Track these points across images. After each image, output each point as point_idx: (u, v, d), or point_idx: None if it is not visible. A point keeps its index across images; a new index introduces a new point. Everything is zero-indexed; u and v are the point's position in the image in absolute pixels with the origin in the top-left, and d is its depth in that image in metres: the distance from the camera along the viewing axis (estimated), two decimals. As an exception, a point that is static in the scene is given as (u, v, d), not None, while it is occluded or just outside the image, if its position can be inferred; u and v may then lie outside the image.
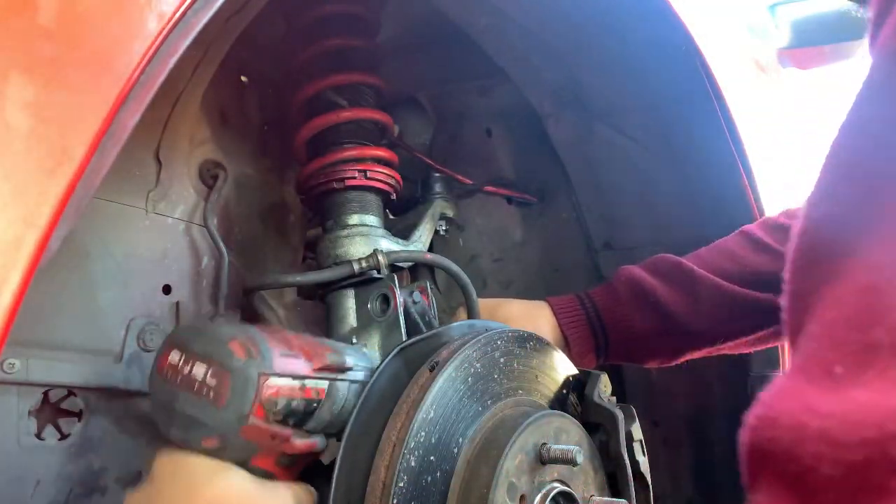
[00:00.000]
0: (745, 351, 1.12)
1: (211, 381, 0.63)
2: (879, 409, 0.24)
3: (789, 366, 0.29)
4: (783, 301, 0.34)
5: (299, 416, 0.71)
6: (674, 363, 1.12)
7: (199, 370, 0.64)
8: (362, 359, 0.82)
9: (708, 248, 1.10)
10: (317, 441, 0.73)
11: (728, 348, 1.10)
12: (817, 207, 0.32)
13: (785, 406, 0.27)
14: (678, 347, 1.10)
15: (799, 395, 0.27)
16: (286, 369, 0.67)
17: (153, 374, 0.68)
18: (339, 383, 0.75)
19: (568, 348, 1.07)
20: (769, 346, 1.11)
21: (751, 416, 0.29)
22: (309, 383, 0.70)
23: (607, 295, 1.10)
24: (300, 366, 0.70)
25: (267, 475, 0.72)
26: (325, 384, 0.73)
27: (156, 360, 0.69)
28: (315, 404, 0.72)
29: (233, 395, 0.63)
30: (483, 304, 1.06)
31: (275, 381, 0.66)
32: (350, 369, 0.76)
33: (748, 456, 0.28)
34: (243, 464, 0.69)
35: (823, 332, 0.28)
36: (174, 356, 0.66)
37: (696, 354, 1.11)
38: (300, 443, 0.71)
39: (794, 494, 0.26)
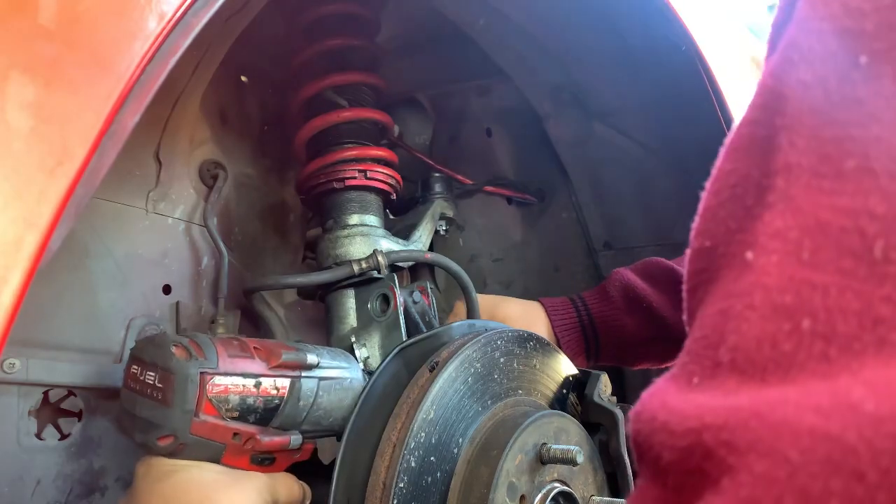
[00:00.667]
0: None
1: (159, 384, 0.68)
2: (704, 406, 0.28)
3: (669, 371, 0.34)
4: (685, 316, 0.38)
5: (260, 413, 0.72)
6: (664, 367, 1.12)
7: (151, 376, 0.68)
8: (337, 357, 0.83)
9: None
10: (289, 438, 0.74)
11: None
12: (697, 236, 0.36)
13: (651, 404, 0.31)
14: (668, 352, 1.10)
15: (662, 395, 0.31)
16: (234, 368, 0.70)
17: (122, 388, 0.72)
18: (303, 381, 0.76)
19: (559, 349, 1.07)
20: None
21: (631, 412, 0.34)
22: (265, 381, 0.72)
23: (600, 299, 1.10)
24: (253, 365, 0.72)
25: None
26: (285, 382, 0.74)
27: (124, 374, 0.72)
28: (276, 402, 0.73)
29: (176, 393, 0.66)
30: (481, 300, 1.06)
31: (221, 380, 0.69)
32: (314, 366, 0.77)
33: (632, 445, 0.33)
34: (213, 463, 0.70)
35: (690, 347, 0.32)
36: (135, 368, 0.70)
37: None
38: (268, 440, 0.72)
39: (654, 477, 0.30)
